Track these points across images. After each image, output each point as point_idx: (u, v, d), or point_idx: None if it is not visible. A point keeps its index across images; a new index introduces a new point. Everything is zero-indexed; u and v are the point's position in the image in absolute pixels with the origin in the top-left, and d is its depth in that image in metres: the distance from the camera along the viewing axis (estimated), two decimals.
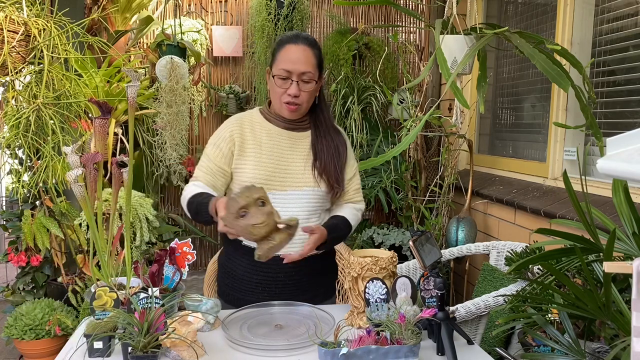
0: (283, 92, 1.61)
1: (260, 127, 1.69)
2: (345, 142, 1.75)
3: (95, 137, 1.36)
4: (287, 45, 1.62)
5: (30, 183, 1.74)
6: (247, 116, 1.72)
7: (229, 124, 1.70)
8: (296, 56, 1.59)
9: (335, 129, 1.75)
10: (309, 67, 1.60)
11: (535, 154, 2.76)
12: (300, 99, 1.61)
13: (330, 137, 1.71)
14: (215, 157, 1.65)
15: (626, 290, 1.29)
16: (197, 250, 3.12)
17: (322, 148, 1.68)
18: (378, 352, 1.15)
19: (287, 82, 1.60)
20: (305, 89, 1.61)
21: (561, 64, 1.73)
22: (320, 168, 1.66)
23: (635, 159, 0.77)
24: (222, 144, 1.66)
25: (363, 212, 1.79)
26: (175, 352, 1.18)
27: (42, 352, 2.67)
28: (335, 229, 1.63)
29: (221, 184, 1.67)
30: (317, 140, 1.69)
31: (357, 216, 1.74)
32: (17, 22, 1.49)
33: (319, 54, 1.65)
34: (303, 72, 1.59)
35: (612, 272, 1.12)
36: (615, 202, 1.31)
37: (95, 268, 1.38)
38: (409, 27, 4.00)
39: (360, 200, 1.78)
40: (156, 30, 3.56)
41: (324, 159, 1.67)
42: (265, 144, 1.66)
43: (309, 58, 1.61)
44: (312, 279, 1.69)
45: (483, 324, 1.93)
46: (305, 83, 1.61)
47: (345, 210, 1.72)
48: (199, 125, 3.88)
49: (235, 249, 1.68)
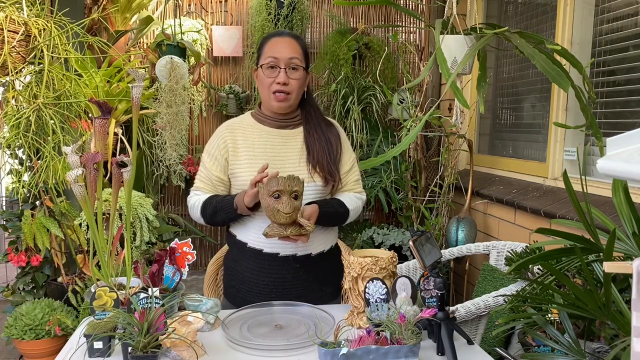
0: (272, 82, 1.64)
1: (252, 129, 1.71)
2: (338, 134, 1.76)
3: (95, 137, 1.36)
4: (272, 39, 1.68)
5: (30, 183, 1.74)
6: (237, 121, 1.76)
7: (221, 131, 1.73)
8: (282, 45, 1.65)
9: (327, 121, 1.77)
10: (295, 53, 1.64)
11: (535, 154, 2.76)
12: (289, 87, 1.64)
13: (321, 129, 1.72)
14: (212, 167, 1.69)
15: (626, 290, 1.29)
16: (197, 250, 3.12)
17: (313, 142, 1.69)
18: (378, 352, 1.15)
19: (275, 71, 1.63)
20: (294, 76, 1.64)
21: (561, 64, 1.73)
22: (313, 161, 1.67)
23: (635, 159, 0.77)
24: (216, 153, 1.69)
25: (364, 201, 1.79)
26: (175, 352, 1.18)
27: (42, 352, 2.67)
28: (325, 204, 1.64)
29: (222, 192, 1.71)
30: (309, 135, 1.71)
31: (355, 202, 1.73)
32: (17, 22, 1.49)
33: (304, 45, 1.70)
34: (290, 57, 1.63)
35: (612, 272, 1.12)
36: (615, 202, 1.31)
37: (95, 268, 1.38)
38: (409, 27, 4.00)
39: (360, 191, 1.78)
40: (156, 30, 3.56)
41: (316, 152, 1.68)
42: (257, 145, 1.68)
43: (295, 47, 1.66)
44: (319, 279, 1.70)
45: (483, 324, 1.93)
46: (294, 70, 1.64)
47: (342, 195, 1.73)
48: (199, 125, 3.88)
49: (240, 251, 1.69)
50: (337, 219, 1.70)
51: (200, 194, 1.69)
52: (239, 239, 1.69)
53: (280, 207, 1.40)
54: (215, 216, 1.64)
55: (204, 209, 1.65)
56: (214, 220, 1.66)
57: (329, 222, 1.69)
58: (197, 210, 1.67)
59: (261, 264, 1.65)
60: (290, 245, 1.62)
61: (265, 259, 1.65)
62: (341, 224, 1.75)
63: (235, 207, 1.59)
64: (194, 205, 1.68)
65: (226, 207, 1.61)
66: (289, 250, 1.63)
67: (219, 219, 1.64)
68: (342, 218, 1.70)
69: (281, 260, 1.64)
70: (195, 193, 1.71)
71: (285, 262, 1.64)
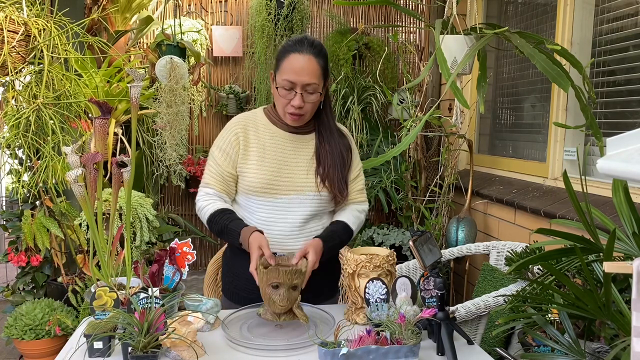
0: (287, 103, 1.58)
1: (264, 128, 1.67)
2: (350, 146, 1.73)
3: (95, 137, 1.36)
4: (292, 55, 1.56)
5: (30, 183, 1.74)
6: (251, 117, 1.70)
7: (233, 125, 1.68)
8: (300, 66, 1.54)
9: (340, 132, 1.73)
10: (313, 78, 1.55)
11: (535, 154, 2.76)
12: (303, 109, 1.59)
13: (335, 142, 1.68)
14: (223, 162, 1.64)
15: (626, 290, 1.29)
16: (197, 250, 3.12)
17: (325, 154, 1.66)
18: (378, 352, 1.15)
19: (291, 93, 1.57)
20: (309, 100, 1.58)
21: (561, 64, 1.73)
22: (322, 175, 1.64)
23: (635, 159, 0.77)
24: (227, 148, 1.65)
25: (367, 212, 1.77)
26: (175, 352, 1.18)
27: (42, 352, 2.67)
28: (332, 237, 1.61)
29: (233, 188, 1.67)
30: (321, 146, 1.67)
31: (360, 218, 1.72)
32: (17, 22, 1.49)
33: (324, 62, 1.60)
34: (307, 83, 1.55)
35: (612, 272, 1.12)
36: (615, 202, 1.31)
37: (95, 268, 1.38)
38: (409, 27, 4.00)
39: (363, 201, 1.76)
40: (156, 30, 3.56)
41: (327, 167, 1.64)
42: (269, 147, 1.64)
43: (314, 68, 1.56)
44: (315, 277, 1.69)
45: (483, 324, 1.93)
46: (310, 94, 1.57)
47: (346, 213, 1.70)
48: (199, 125, 3.88)
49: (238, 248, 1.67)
50: (342, 244, 1.69)
51: (211, 192, 1.66)
52: None
53: (277, 299, 1.38)
54: (222, 236, 1.62)
55: (210, 222, 1.62)
56: (220, 236, 1.64)
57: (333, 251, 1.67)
58: (204, 219, 1.65)
59: None
60: (287, 243, 1.62)
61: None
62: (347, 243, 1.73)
63: (240, 243, 1.56)
64: (201, 210, 1.65)
65: (232, 235, 1.58)
66: (286, 248, 1.63)
67: (225, 239, 1.64)
68: (347, 240, 1.69)
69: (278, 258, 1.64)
70: (205, 191, 1.67)
71: None
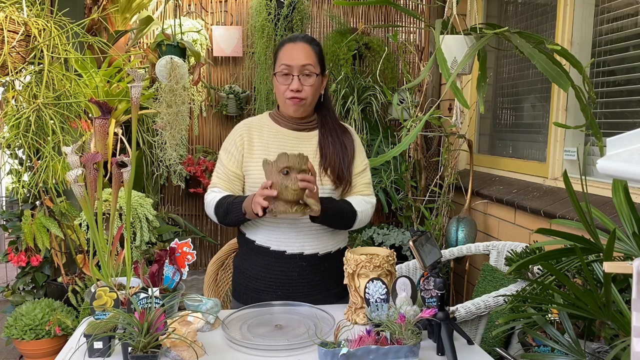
0: (286, 89, 1.66)
1: (268, 129, 1.74)
2: (352, 140, 1.77)
3: (95, 137, 1.36)
4: (286, 45, 1.68)
5: (30, 183, 1.74)
6: (256, 120, 1.79)
7: (238, 128, 1.76)
8: (295, 52, 1.65)
9: (342, 127, 1.78)
10: (308, 59, 1.65)
11: (535, 154, 2.76)
12: (303, 93, 1.65)
13: (337, 134, 1.73)
14: (228, 162, 1.72)
15: (626, 290, 1.28)
16: (197, 250, 3.12)
17: (327, 145, 1.71)
18: (378, 352, 1.15)
19: (289, 78, 1.65)
20: (307, 82, 1.65)
21: (561, 64, 1.73)
22: (325, 164, 1.68)
23: (635, 159, 0.77)
24: (232, 149, 1.72)
25: (374, 205, 1.77)
26: (175, 352, 1.18)
27: (42, 352, 2.67)
28: (330, 201, 1.64)
29: (239, 188, 1.73)
30: (323, 138, 1.72)
31: (364, 205, 1.72)
32: (17, 22, 1.49)
33: (318, 49, 1.70)
34: (303, 64, 1.63)
35: (612, 272, 1.12)
36: (615, 202, 1.31)
37: (95, 268, 1.38)
38: (409, 27, 4.00)
39: (370, 194, 1.77)
40: (156, 30, 3.56)
41: (329, 155, 1.69)
42: (272, 145, 1.70)
43: (308, 53, 1.66)
44: (325, 279, 1.70)
45: (483, 324, 1.93)
46: (307, 77, 1.65)
47: (351, 198, 1.72)
48: (199, 125, 3.88)
49: (249, 249, 1.72)
50: (344, 217, 1.67)
51: (217, 191, 1.71)
52: (248, 237, 1.72)
53: (289, 183, 1.41)
54: (227, 217, 1.66)
55: (217, 209, 1.67)
56: (225, 220, 1.68)
57: (335, 219, 1.66)
58: (211, 209, 1.69)
59: (268, 261, 1.68)
60: (297, 244, 1.65)
61: (272, 257, 1.67)
62: (350, 225, 1.71)
63: (244, 211, 1.60)
64: (209, 203, 1.70)
65: (236, 210, 1.62)
66: (296, 248, 1.66)
67: (230, 220, 1.66)
68: (349, 217, 1.68)
69: (288, 258, 1.66)
70: (212, 190, 1.73)
71: (292, 260, 1.66)
